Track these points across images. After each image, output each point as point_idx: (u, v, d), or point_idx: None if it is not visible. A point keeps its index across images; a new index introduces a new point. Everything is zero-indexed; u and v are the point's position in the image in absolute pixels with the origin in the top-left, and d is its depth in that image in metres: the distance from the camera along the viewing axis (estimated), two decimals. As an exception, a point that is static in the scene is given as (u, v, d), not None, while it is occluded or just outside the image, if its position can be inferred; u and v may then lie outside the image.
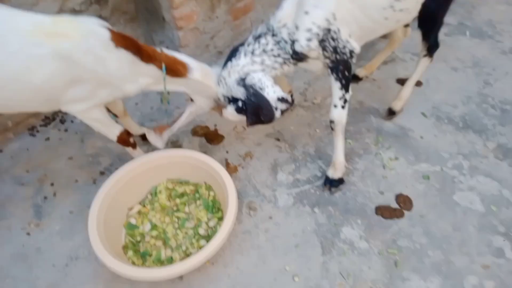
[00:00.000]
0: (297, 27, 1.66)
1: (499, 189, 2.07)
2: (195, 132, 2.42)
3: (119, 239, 1.86)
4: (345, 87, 1.81)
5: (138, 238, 1.87)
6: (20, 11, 1.44)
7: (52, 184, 2.15)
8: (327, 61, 1.77)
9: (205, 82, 1.83)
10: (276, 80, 1.82)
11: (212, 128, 2.44)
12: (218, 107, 2.00)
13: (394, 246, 1.87)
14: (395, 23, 1.84)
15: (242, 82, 1.74)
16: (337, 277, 1.77)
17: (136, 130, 2.22)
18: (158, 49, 1.70)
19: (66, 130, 2.45)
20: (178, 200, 2.01)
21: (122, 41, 1.55)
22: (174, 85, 1.80)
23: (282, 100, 1.69)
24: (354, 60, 1.80)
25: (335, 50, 1.71)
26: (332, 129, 1.95)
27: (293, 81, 2.69)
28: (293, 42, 1.70)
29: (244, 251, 1.87)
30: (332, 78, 1.81)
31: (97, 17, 1.60)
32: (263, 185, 2.14)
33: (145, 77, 1.70)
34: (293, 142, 2.35)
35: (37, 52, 1.40)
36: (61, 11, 2.14)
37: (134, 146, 1.99)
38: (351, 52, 1.74)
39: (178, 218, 1.94)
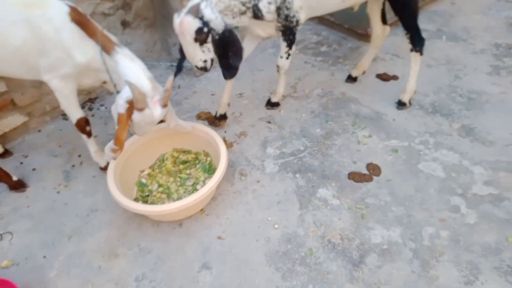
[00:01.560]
0: None
1: (460, 160, 2.36)
2: (199, 116, 2.83)
3: (131, 194, 2.25)
4: (289, 46, 2.34)
5: (147, 193, 2.25)
6: None
7: (79, 156, 2.59)
8: (279, 25, 2.19)
9: (132, 59, 1.88)
10: None
11: (213, 113, 2.86)
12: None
13: (362, 203, 2.17)
14: (341, 1, 2.25)
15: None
16: (311, 226, 2.08)
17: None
18: (99, 29, 1.91)
19: (93, 115, 2.91)
20: (181, 166, 2.40)
21: (77, 16, 1.84)
22: (108, 62, 1.90)
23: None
24: (299, 28, 2.24)
25: (286, 17, 2.13)
26: (278, 71, 2.57)
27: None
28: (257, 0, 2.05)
29: (234, 206, 2.21)
30: (281, 38, 2.30)
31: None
32: (253, 156, 2.50)
33: (90, 50, 1.89)
34: (282, 124, 2.73)
35: (17, 18, 1.77)
36: (93, 14, 2.66)
37: (89, 135, 2.26)
38: (297, 21, 2.18)
39: (180, 178, 2.32)
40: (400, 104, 2.74)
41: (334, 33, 3.68)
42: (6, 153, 2.57)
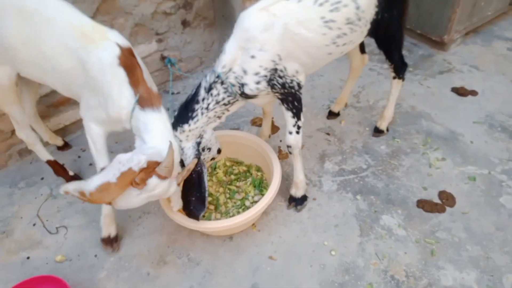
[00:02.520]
0: (245, 72, 1.65)
1: (551, 197, 2.05)
2: (254, 122, 2.72)
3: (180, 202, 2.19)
4: (297, 116, 1.88)
5: (197, 202, 2.19)
6: (78, 10, 1.67)
7: (132, 154, 2.58)
8: (277, 95, 1.81)
9: (166, 125, 1.64)
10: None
11: (269, 120, 2.73)
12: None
13: (432, 237, 1.94)
14: (339, 54, 1.89)
15: (197, 146, 1.78)
16: (372, 257, 1.89)
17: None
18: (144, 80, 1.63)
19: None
20: (232, 177, 2.30)
21: (126, 61, 1.58)
22: (137, 117, 1.61)
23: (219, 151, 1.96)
24: (302, 91, 1.84)
25: (283, 86, 1.74)
26: (290, 153, 2.02)
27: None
28: (242, 85, 1.68)
29: (287, 224, 2.08)
30: (283, 108, 1.87)
31: (121, 35, 1.65)
32: (310, 171, 2.35)
33: (124, 99, 1.59)
34: (342, 137, 2.54)
35: (71, 44, 1.59)
36: (155, 13, 2.62)
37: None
38: (299, 84, 1.79)
39: (230, 190, 2.22)
40: (377, 131, 2.48)
41: (405, 38, 3.37)
42: (66, 146, 2.62)
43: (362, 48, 2.33)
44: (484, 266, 1.81)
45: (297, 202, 2.14)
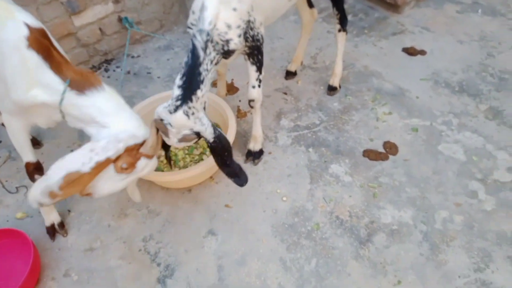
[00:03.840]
0: (229, 26, 1.61)
1: (483, 144, 2.24)
2: (214, 84, 2.77)
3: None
4: (259, 69, 1.94)
5: (156, 158, 2.26)
6: None
7: (92, 116, 2.60)
8: (246, 49, 1.83)
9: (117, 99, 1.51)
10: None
11: (229, 81, 2.79)
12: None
13: (375, 182, 2.11)
14: (288, 1, 1.97)
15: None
16: (320, 201, 2.04)
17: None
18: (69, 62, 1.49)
19: (109, 77, 2.89)
20: (192, 134, 2.38)
21: (37, 43, 1.40)
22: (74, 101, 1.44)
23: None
24: (263, 44, 1.89)
25: (252, 38, 1.78)
26: (251, 107, 2.09)
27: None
28: (226, 41, 1.63)
29: (243, 176, 2.20)
30: (249, 63, 1.92)
31: (31, 15, 1.48)
32: (267, 127, 2.45)
33: (41, 89, 1.43)
34: (298, 96, 2.64)
35: None
36: None
37: (32, 179, 1.83)
38: (262, 37, 1.85)
39: (188, 146, 2.29)
40: (331, 89, 2.60)
41: (360, 1, 3.46)
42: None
43: (310, 2, 2.46)
44: (420, 205, 2.00)
45: (255, 155, 2.25)
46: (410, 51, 2.87)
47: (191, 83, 1.55)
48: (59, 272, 1.86)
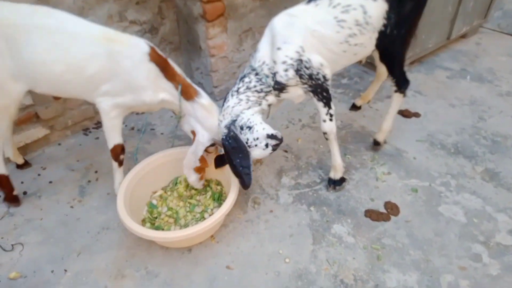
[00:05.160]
0: (275, 62, 1.97)
1: (483, 205, 2.27)
2: (215, 141, 2.83)
3: (141, 213, 2.23)
4: (327, 105, 2.12)
5: (155, 215, 2.23)
6: (96, 24, 1.96)
7: (96, 172, 2.61)
8: (306, 86, 2.06)
9: (210, 110, 2.09)
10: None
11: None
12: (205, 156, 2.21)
13: (378, 243, 2.09)
14: (353, 55, 2.15)
15: (233, 123, 1.99)
16: (324, 263, 2.00)
17: None
18: (180, 74, 2.05)
19: (97, 138, 2.94)
20: (193, 191, 2.38)
21: (156, 57, 1.95)
22: (185, 106, 2.09)
23: (271, 136, 1.90)
24: (329, 83, 2.07)
25: (310, 76, 2.01)
26: (326, 139, 2.27)
27: (305, 107, 3.11)
28: (274, 74, 2.00)
29: (245, 235, 2.16)
30: (315, 100, 2.13)
31: (146, 40, 2.02)
32: (268, 185, 2.47)
33: (163, 92, 2.03)
34: (298, 154, 2.70)
35: (97, 50, 1.86)
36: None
37: (120, 163, 2.27)
38: (324, 77, 2.03)
39: (190, 203, 2.29)
40: (375, 144, 2.69)
41: (355, 66, 3.69)
42: (26, 164, 2.61)
43: None
44: (424, 268, 1.96)
45: (336, 183, 2.39)
46: (405, 114, 3.01)
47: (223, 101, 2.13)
48: None
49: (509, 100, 3.12)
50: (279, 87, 2.05)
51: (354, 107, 3.09)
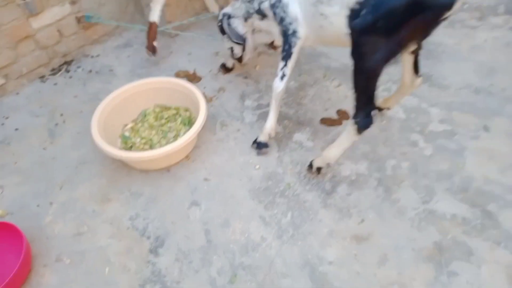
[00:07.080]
0: None
1: (419, 103, 2.63)
2: (177, 74, 2.93)
3: (115, 145, 2.35)
4: (285, 61, 2.02)
5: (130, 145, 2.37)
6: None
7: (61, 115, 2.64)
8: (279, 27, 2.05)
9: None
10: None
11: (191, 71, 2.96)
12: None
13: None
14: (319, 27, 1.89)
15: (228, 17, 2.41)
16: (289, 165, 2.29)
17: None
18: None
19: (70, 77, 2.94)
20: (163, 120, 2.52)
21: None
22: None
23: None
24: (297, 42, 1.97)
25: (281, 20, 1.99)
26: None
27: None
28: (260, 2, 2.13)
29: (217, 152, 2.38)
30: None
31: None
32: (233, 109, 2.66)
33: None
34: (258, 79, 2.88)
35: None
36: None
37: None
38: (294, 32, 1.96)
39: (162, 131, 2.44)
40: (310, 166, 2.23)
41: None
42: (-13, 114, 2.58)
43: (416, 67, 2.11)
44: (372, 157, 2.31)
45: (259, 145, 2.32)
46: (351, 33, 3.23)
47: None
48: (50, 258, 1.92)
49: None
50: (261, 13, 2.18)
51: (378, 109, 2.49)
